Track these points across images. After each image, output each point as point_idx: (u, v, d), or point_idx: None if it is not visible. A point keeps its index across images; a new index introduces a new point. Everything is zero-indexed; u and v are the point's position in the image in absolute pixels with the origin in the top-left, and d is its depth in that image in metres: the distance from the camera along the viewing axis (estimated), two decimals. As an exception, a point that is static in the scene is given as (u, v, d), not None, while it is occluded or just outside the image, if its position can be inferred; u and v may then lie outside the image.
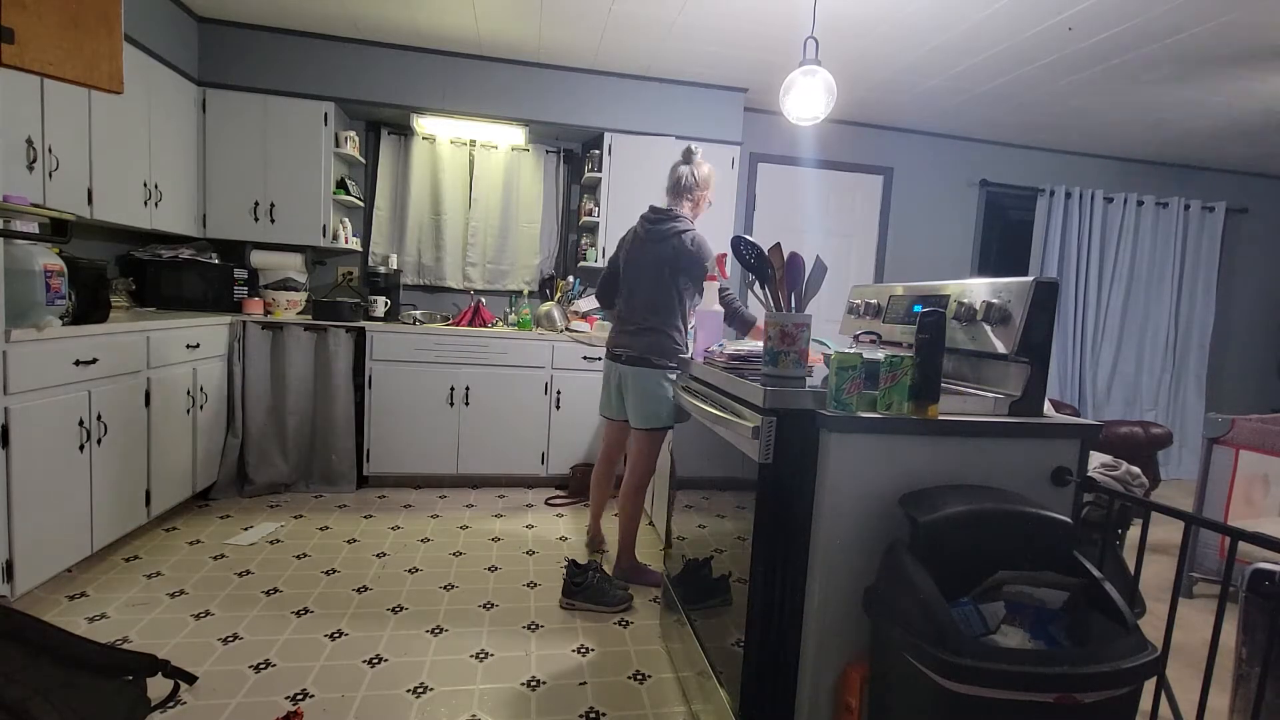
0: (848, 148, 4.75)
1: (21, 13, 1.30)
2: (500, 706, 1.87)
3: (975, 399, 1.50)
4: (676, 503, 2.19)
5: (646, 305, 2.58)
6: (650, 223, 2.62)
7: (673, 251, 2.54)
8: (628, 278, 2.65)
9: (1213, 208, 5.26)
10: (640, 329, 2.58)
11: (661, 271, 2.55)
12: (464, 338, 3.69)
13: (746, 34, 3.34)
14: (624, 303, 2.67)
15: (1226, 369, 5.53)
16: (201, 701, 1.81)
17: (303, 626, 2.22)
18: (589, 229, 4.28)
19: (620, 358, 2.62)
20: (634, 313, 2.61)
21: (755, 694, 1.46)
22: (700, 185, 2.63)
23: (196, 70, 3.56)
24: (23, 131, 2.38)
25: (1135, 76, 3.52)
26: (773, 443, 1.40)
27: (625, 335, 2.62)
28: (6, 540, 2.08)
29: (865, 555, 1.39)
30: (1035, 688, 1.03)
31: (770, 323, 1.59)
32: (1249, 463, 2.79)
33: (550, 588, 2.62)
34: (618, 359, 2.64)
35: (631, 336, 2.59)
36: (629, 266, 2.65)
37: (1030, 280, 1.47)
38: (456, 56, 3.84)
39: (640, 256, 2.61)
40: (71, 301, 2.37)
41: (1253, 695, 1.49)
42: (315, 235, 3.77)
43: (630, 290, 2.64)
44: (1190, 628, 2.56)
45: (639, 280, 2.60)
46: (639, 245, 2.63)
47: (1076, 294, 5.10)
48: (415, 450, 3.70)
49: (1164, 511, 1.30)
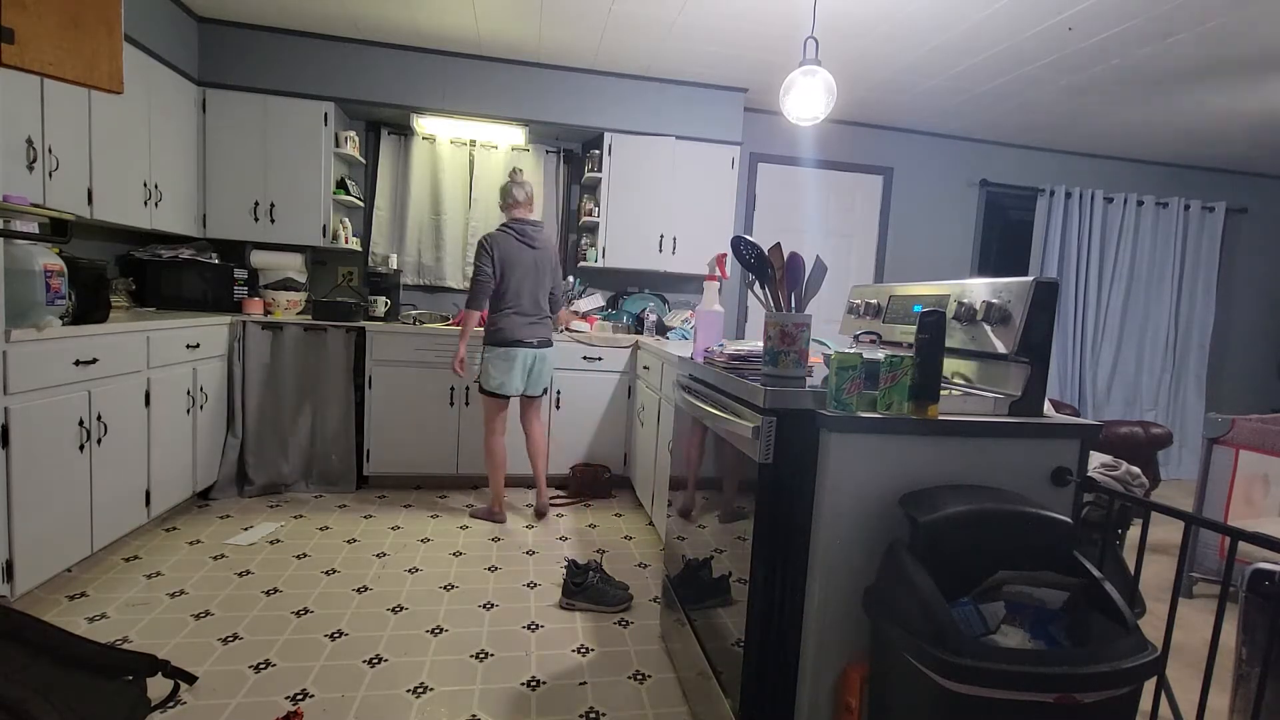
0: (848, 148, 4.75)
1: (21, 13, 1.30)
2: (500, 706, 1.87)
3: (975, 399, 1.50)
4: (676, 503, 2.19)
5: (536, 300, 3.20)
6: (526, 235, 3.17)
7: (548, 255, 3.25)
8: (515, 280, 3.14)
9: (1213, 208, 5.26)
10: (540, 319, 3.23)
11: (544, 272, 3.22)
12: (464, 338, 3.69)
13: (746, 34, 3.34)
14: (515, 300, 3.15)
15: (1226, 369, 5.53)
16: (201, 701, 1.81)
17: (303, 626, 2.22)
18: (589, 229, 4.28)
19: (534, 344, 3.21)
20: (530, 307, 3.19)
21: (755, 694, 1.46)
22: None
23: (196, 70, 3.56)
24: (23, 131, 2.38)
25: (1135, 77, 3.52)
26: (773, 443, 1.40)
27: (532, 326, 3.20)
28: (6, 540, 2.07)
29: (865, 555, 1.40)
30: (1035, 688, 1.03)
31: (770, 323, 1.59)
32: (1249, 463, 2.79)
33: (550, 588, 2.62)
34: (532, 345, 3.20)
35: (537, 326, 3.21)
36: (515, 270, 3.14)
37: (1030, 280, 1.47)
38: (456, 56, 3.84)
39: (524, 260, 3.16)
40: (71, 301, 2.37)
41: (1253, 695, 1.49)
42: (315, 235, 3.78)
43: (518, 290, 3.15)
44: (1190, 628, 2.56)
45: (525, 280, 3.16)
46: (520, 251, 3.15)
47: (1076, 294, 5.10)
48: (415, 450, 3.69)
49: (1164, 511, 1.30)
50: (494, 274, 3.12)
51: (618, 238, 4.09)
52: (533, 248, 3.17)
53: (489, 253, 3.10)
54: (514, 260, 3.13)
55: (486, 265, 3.10)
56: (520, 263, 3.14)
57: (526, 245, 3.16)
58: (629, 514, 3.56)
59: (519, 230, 3.16)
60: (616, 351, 3.85)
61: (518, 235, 3.15)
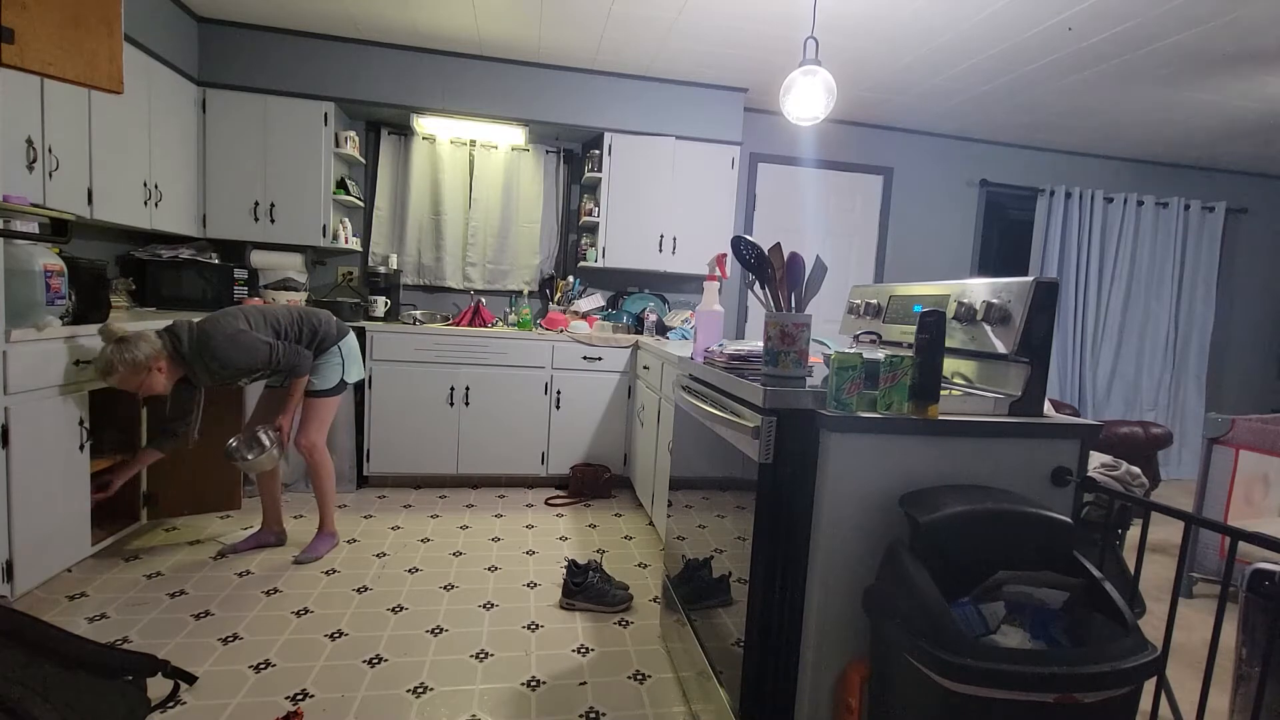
0: (848, 148, 4.75)
1: (21, 13, 1.30)
2: (500, 706, 1.87)
3: (975, 399, 1.50)
4: (676, 503, 2.19)
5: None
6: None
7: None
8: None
9: (1213, 208, 5.26)
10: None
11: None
12: (464, 338, 3.69)
13: (746, 34, 3.34)
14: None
15: (1226, 369, 5.53)
16: (201, 701, 1.81)
17: (303, 626, 2.22)
18: (589, 229, 4.28)
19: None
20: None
21: (755, 694, 1.46)
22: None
23: (196, 70, 3.56)
24: (23, 131, 2.38)
25: (1135, 77, 3.52)
26: (773, 443, 1.40)
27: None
28: (6, 540, 2.07)
29: (865, 555, 1.39)
30: (1035, 688, 1.03)
31: (770, 323, 1.59)
32: (1249, 463, 2.79)
33: (550, 588, 2.62)
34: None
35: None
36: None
37: (1030, 280, 1.46)
38: (456, 56, 3.84)
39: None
40: (71, 301, 2.37)
41: (1253, 695, 1.49)
42: (315, 235, 3.77)
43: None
44: (1190, 628, 2.56)
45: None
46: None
47: (1076, 294, 5.10)
48: (415, 450, 3.69)
49: (1164, 511, 1.30)
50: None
51: (618, 238, 4.09)
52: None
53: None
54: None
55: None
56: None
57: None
58: (629, 514, 3.56)
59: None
60: (616, 351, 3.85)
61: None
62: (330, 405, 2.79)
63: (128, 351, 2.26)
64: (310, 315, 2.73)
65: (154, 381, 2.34)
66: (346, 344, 2.80)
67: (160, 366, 2.34)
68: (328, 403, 2.77)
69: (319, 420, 2.76)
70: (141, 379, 2.30)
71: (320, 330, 2.71)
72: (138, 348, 2.28)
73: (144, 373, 2.29)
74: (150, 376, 2.31)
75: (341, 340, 2.78)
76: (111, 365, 2.24)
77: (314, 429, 2.75)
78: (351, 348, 2.83)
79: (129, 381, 2.28)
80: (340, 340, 2.77)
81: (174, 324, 2.43)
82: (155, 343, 2.33)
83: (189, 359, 2.41)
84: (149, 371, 2.30)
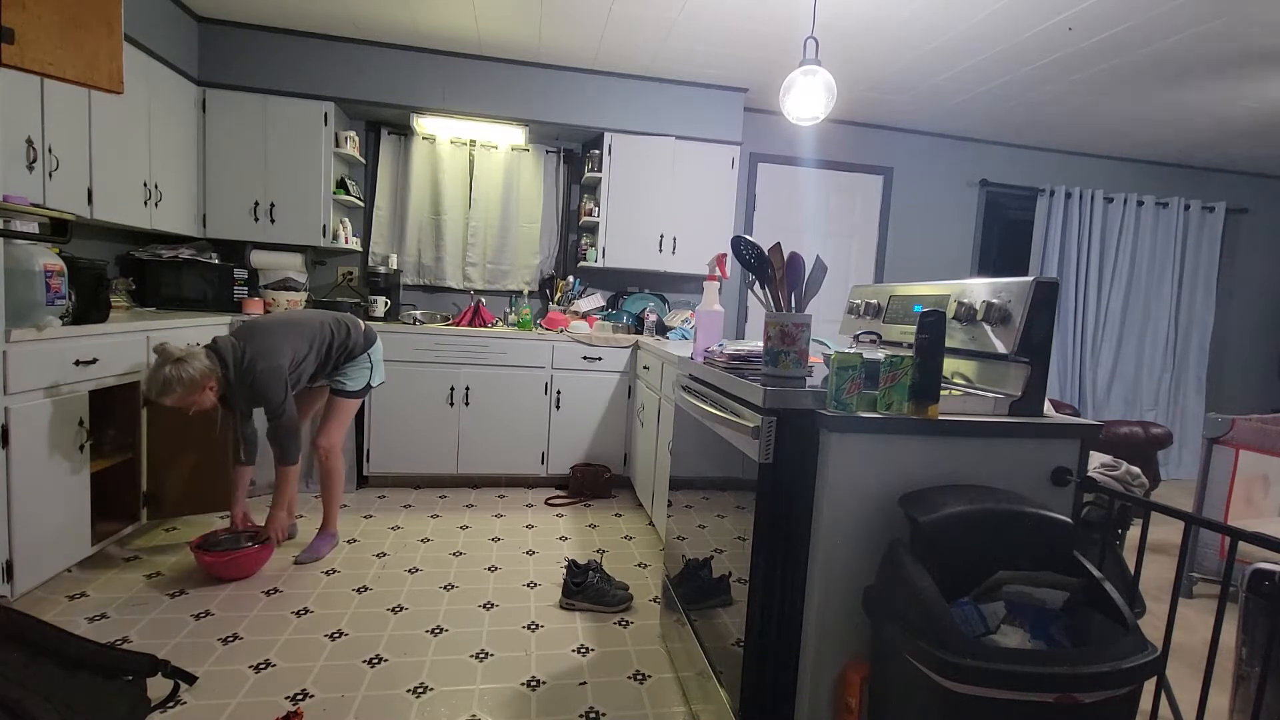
0: (848, 148, 4.75)
1: (21, 13, 1.30)
2: (500, 706, 1.87)
3: (975, 399, 1.50)
4: (676, 503, 2.19)
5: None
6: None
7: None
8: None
9: (1213, 208, 5.26)
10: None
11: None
12: (464, 338, 3.69)
13: (746, 34, 3.34)
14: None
15: (1226, 369, 5.53)
16: (201, 701, 1.81)
17: (303, 626, 2.22)
18: (589, 229, 4.28)
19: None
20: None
21: (755, 694, 1.46)
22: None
23: (196, 70, 3.56)
24: (23, 131, 2.38)
25: (1135, 77, 3.52)
26: (773, 443, 1.40)
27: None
28: (6, 540, 2.07)
29: (865, 555, 1.39)
30: (1035, 688, 1.03)
31: (770, 323, 1.59)
32: (1249, 463, 2.79)
33: (550, 588, 2.62)
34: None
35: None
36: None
37: (1030, 280, 1.46)
38: (456, 56, 3.84)
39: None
40: (71, 301, 2.37)
41: (1253, 695, 1.49)
42: (315, 235, 3.77)
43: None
44: (1190, 628, 2.56)
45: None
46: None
47: (1076, 294, 5.10)
48: (415, 450, 3.69)
49: (1164, 511, 1.30)
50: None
51: (618, 238, 4.09)
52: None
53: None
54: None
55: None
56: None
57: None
58: (629, 514, 3.56)
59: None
60: (616, 351, 3.85)
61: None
62: (354, 407, 2.84)
63: (185, 371, 2.29)
64: (344, 328, 2.76)
65: (204, 399, 2.37)
66: (376, 350, 2.86)
67: (211, 385, 2.38)
68: (351, 404, 2.82)
69: (339, 422, 2.80)
70: (195, 397, 2.33)
71: (351, 342, 2.76)
72: (193, 366, 2.31)
73: (198, 391, 2.33)
74: (203, 395, 2.35)
75: (370, 348, 2.83)
76: (170, 384, 2.26)
77: (335, 430, 2.80)
78: (379, 353, 2.89)
79: (185, 401, 2.32)
80: (369, 348, 2.82)
81: (216, 342, 2.45)
82: (206, 362, 2.36)
83: (232, 383, 2.44)
84: (203, 390, 2.34)
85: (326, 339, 2.68)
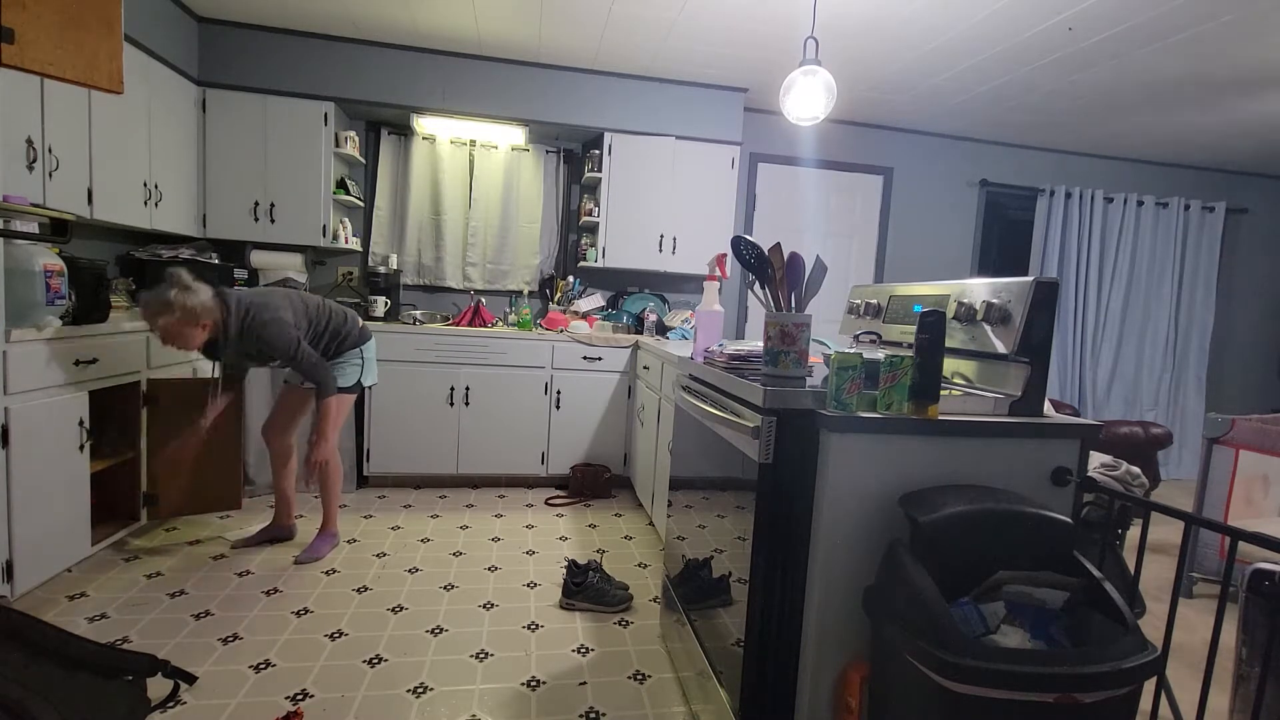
0: (848, 148, 4.75)
1: (21, 13, 1.30)
2: (500, 706, 1.87)
3: (975, 399, 1.50)
4: (676, 503, 2.19)
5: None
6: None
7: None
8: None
9: (1213, 208, 5.26)
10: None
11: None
12: (464, 338, 3.69)
13: (746, 34, 3.34)
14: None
15: (1226, 369, 5.53)
16: (201, 701, 1.81)
17: (303, 626, 2.22)
18: (589, 229, 4.28)
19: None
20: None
21: (755, 694, 1.46)
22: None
23: (196, 70, 3.56)
24: (23, 131, 2.38)
25: (1135, 77, 3.52)
26: (773, 443, 1.40)
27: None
28: (6, 540, 2.08)
29: (865, 555, 1.39)
30: (1035, 688, 1.03)
31: (770, 323, 1.59)
32: (1249, 463, 2.78)
33: (550, 588, 2.62)
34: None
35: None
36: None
37: (1030, 280, 1.46)
38: (456, 56, 3.84)
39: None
40: (71, 301, 2.37)
41: (1253, 695, 1.49)
42: (315, 235, 3.77)
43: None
44: (1190, 628, 2.56)
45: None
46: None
47: (1076, 294, 5.10)
48: (415, 450, 3.69)
49: (1164, 511, 1.30)
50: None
51: (618, 238, 4.09)
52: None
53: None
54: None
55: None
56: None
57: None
58: (629, 514, 3.56)
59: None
60: (616, 351, 3.85)
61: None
62: (346, 403, 2.79)
63: (190, 299, 2.28)
64: (339, 313, 2.76)
65: (194, 337, 2.34)
66: (369, 348, 2.84)
67: (206, 325, 2.36)
68: (343, 400, 2.77)
69: (331, 421, 2.76)
70: (187, 330, 2.30)
71: (344, 330, 2.73)
72: (198, 298, 2.30)
73: (192, 325, 2.30)
74: (194, 330, 2.32)
75: (363, 344, 2.80)
76: (169, 306, 2.25)
77: (329, 430, 2.75)
78: (372, 352, 2.87)
79: (175, 329, 2.29)
80: (362, 344, 2.80)
81: (220, 290, 2.44)
82: (210, 302, 2.35)
83: (230, 328, 2.42)
84: (196, 326, 2.32)
85: (315, 308, 2.68)
